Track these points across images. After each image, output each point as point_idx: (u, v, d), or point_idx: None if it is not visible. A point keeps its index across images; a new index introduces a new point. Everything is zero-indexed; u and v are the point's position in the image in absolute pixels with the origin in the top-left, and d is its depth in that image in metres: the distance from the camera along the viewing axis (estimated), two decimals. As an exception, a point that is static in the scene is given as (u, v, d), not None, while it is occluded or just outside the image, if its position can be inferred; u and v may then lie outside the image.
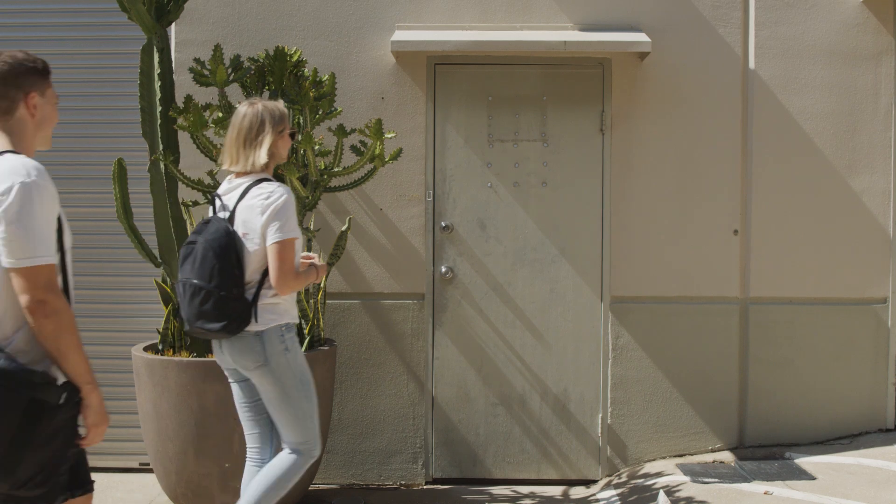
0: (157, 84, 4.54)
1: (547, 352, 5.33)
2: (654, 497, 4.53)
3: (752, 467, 5.00)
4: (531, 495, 5.10)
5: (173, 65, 4.75)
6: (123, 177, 4.58)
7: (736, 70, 5.35)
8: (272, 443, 3.69)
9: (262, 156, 3.53)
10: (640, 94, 5.32)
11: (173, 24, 5.18)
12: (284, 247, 3.43)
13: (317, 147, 4.48)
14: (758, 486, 4.69)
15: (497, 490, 5.19)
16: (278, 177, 4.53)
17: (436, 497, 5.10)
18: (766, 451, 5.26)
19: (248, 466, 3.70)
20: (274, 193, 3.48)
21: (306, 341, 4.61)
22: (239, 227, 3.49)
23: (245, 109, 3.58)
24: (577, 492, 5.19)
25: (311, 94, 4.45)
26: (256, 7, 5.31)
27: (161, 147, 4.54)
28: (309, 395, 3.58)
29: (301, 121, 4.55)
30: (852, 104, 5.35)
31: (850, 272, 5.37)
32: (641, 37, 5.11)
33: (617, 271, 5.33)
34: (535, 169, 5.31)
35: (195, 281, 3.42)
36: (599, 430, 5.34)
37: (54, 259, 2.56)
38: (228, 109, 4.39)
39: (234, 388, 3.71)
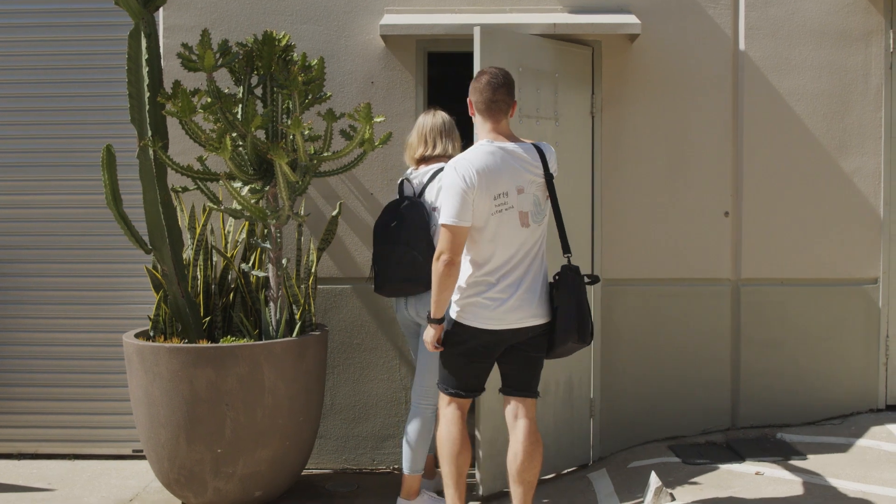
0: (145, 70, 4.50)
1: (539, 335, 5.31)
2: (646, 479, 4.54)
3: (743, 448, 5.02)
4: (524, 478, 5.10)
5: (161, 50, 4.71)
6: (112, 163, 4.56)
7: (726, 51, 5.34)
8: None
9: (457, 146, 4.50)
10: (630, 76, 5.31)
11: (161, 10, 5.16)
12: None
13: (306, 132, 4.46)
14: (749, 467, 4.71)
15: (490, 473, 5.19)
16: (268, 162, 4.52)
17: (429, 481, 5.10)
18: (757, 432, 5.28)
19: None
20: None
21: (297, 326, 4.60)
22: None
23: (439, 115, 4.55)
24: (570, 475, 5.20)
25: (300, 78, 4.43)
26: (244, -9, 5.29)
27: (150, 133, 4.52)
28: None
29: (290, 105, 4.52)
30: (843, 85, 5.35)
31: (841, 253, 5.38)
32: (631, 19, 5.10)
33: (608, 253, 5.33)
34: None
35: (406, 247, 4.30)
36: (591, 413, 5.35)
37: None
38: (217, 95, 4.36)
39: (413, 339, 4.61)
